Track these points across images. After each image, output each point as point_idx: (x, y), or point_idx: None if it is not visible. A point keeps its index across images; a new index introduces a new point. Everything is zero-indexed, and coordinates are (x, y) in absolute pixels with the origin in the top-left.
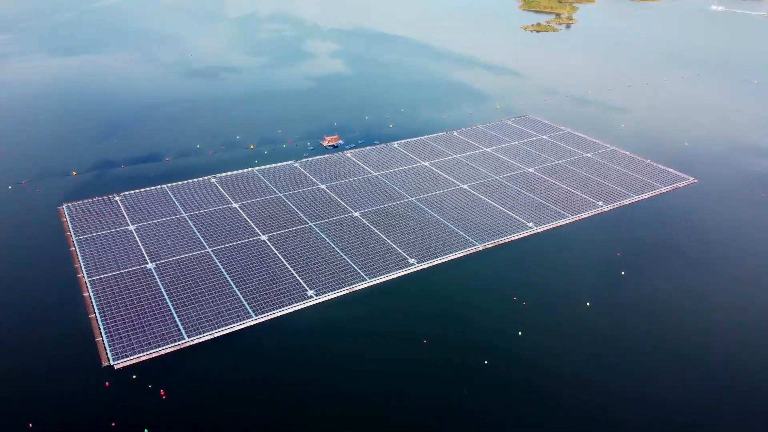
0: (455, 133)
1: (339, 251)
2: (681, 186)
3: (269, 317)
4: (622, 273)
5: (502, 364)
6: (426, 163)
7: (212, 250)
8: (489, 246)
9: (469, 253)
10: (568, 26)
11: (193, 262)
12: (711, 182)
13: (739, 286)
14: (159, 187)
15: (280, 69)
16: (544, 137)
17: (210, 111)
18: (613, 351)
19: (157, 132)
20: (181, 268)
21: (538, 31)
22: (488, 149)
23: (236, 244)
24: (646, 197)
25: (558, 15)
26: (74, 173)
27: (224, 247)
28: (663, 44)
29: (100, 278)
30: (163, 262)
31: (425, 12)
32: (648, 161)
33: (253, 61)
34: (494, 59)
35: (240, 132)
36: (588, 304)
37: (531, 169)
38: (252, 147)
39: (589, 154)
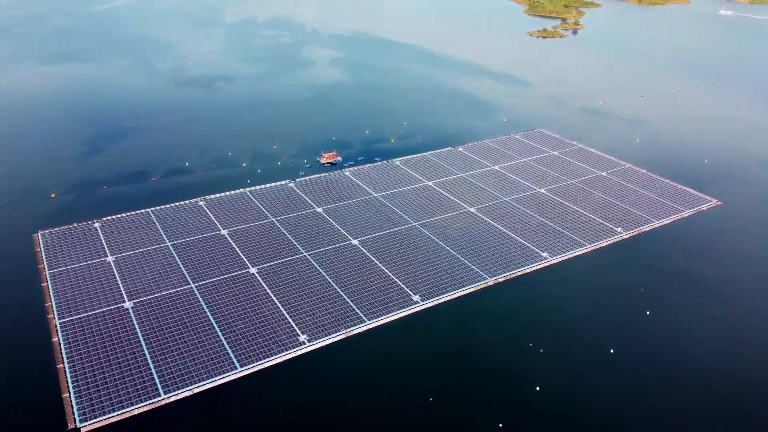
0: (461, 149)
1: (335, 286)
2: (704, 209)
3: (256, 368)
4: (648, 313)
5: (516, 427)
6: (430, 183)
7: (196, 286)
8: (500, 280)
9: (478, 288)
10: (575, 32)
11: (174, 300)
12: (736, 204)
13: None
14: (143, 211)
15: (276, 78)
16: (555, 153)
17: (202, 124)
18: (645, 409)
19: (144, 148)
20: (162, 308)
21: (544, 37)
22: (496, 167)
23: (223, 279)
24: (667, 222)
25: (564, 20)
26: (53, 195)
27: (210, 283)
28: (674, 51)
29: (72, 320)
30: (142, 301)
31: (427, 17)
32: (667, 181)
33: (249, 69)
34: (500, 67)
35: (233, 148)
36: (612, 350)
37: (543, 190)
38: (245, 165)
39: (603, 173)
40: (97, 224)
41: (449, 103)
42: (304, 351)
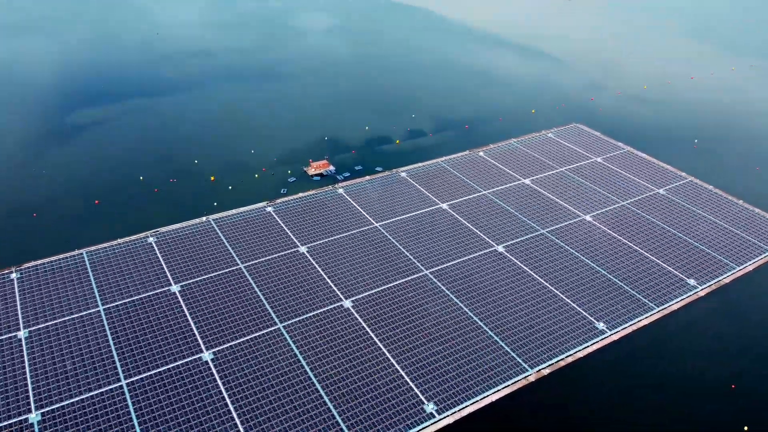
0: (481, 153)
1: (317, 386)
2: None
3: None
4: (745, 428)
5: None
6: (444, 206)
7: (127, 384)
8: (544, 372)
9: (517, 387)
10: None
11: (96, 410)
12: None
13: None
14: (75, 253)
15: (260, 54)
16: (599, 160)
17: (166, 119)
18: None
19: (91, 156)
20: (77, 425)
21: None
22: (526, 181)
23: (164, 371)
24: (751, 269)
25: None
26: None
27: (146, 378)
28: (715, 19)
29: None
30: (53, 412)
31: None
32: (739, 203)
33: (229, 43)
34: (523, 37)
35: (200, 153)
36: None
37: (588, 217)
38: (213, 179)
39: (661, 191)
40: (14, 274)
41: (464, 85)
42: None
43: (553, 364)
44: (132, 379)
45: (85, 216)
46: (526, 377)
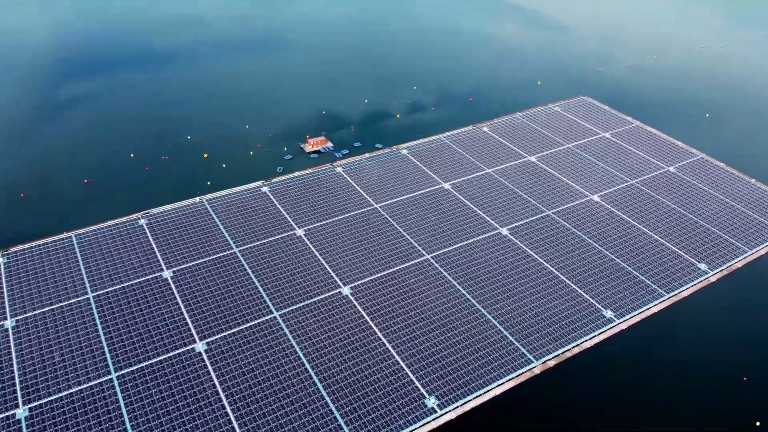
0: (485, 129)
1: (315, 380)
2: None
3: None
4: (757, 423)
5: None
6: (446, 185)
7: (117, 377)
8: (550, 364)
9: (522, 380)
10: None
11: (85, 405)
12: None
13: None
14: (64, 236)
15: (255, 23)
16: (607, 136)
17: (157, 92)
18: None
19: (80, 132)
20: (66, 421)
21: None
22: (532, 158)
23: (155, 364)
24: (763, 252)
25: None
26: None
27: (136, 371)
28: None
29: None
30: (41, 407)
31: None
32: (752, 181)
33: (223, 11)
34: (528, 5)
35: (193, 128)
36: None
37: (596, 197)
38: (206, 156)
39: (671, 168)
40: (0, 259)
41: (468, 55)
42: None
43: (558, 355)
44: (122, 372)
45: (74, 196)
46: (531, 369)
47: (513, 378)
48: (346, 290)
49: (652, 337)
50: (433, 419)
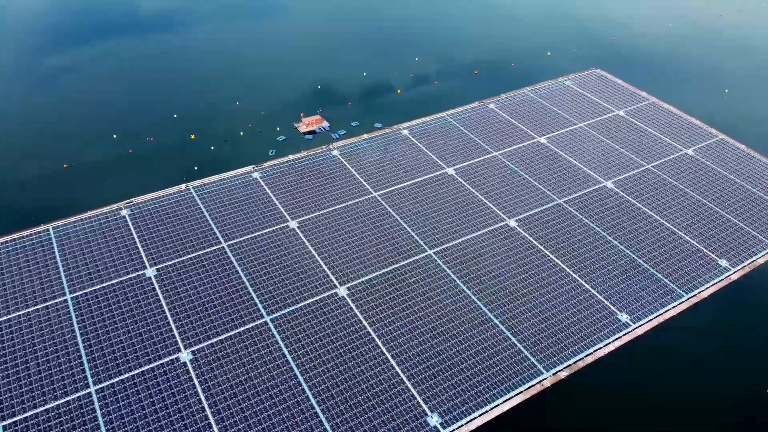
0: (492, 106)
1: (308, 393)
2: None
3: None
4: None
5: None
6: (450, 170)
7: (96, 391)
8: (562, 375)
9: (533, 392)
10: None
11: (62, 422)
12: None
13: None
14: (41, 229)
15: None
16: (621, 113)
17: (141, 64)
18: None
19: (59, 109)
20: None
21: None
22: (542, 139)
23: (137, 375)
24: None
25: None
26: None
27: (117, 384)
28: None
29: None
30: (16, 425)
31: None
32: None
33: None
34: None
35: (180, 104)
36: None
37: (609, 183)
38: (193, 137)
39: (689, 151)
40: None
41: (472, 22)
42: None
43: (571, 365)
44: (102, 385)
45: (52, 182)
46: (541, 382)
47: (522, 392)
48: (342, 291)
49: (668, 344)
50: None
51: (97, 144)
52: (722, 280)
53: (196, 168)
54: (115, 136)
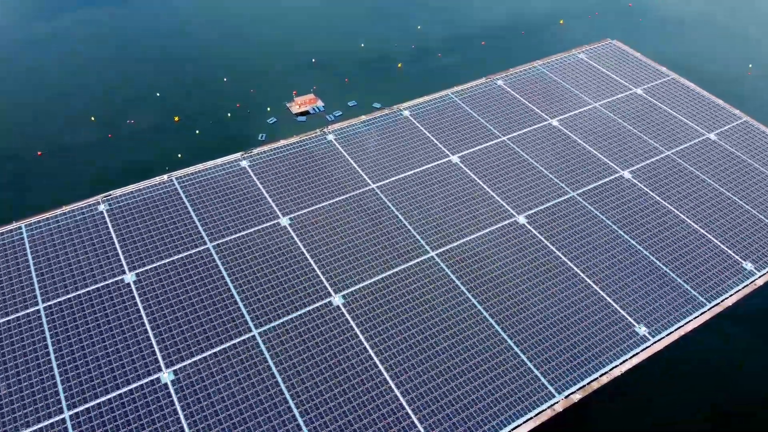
0: (500, 82)
1: (299, 422)
2: None
3: None
4: None
5: None
6: (455, 158)
7: (71, 417)
8: (575, 398)
9: (543, 419)
10: None
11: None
12: None
13: None
14: (12, 227)
15: None
16: (639, 92)
17: (120, 36)
18: None
19: (30, 89)
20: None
21: None
22: (554, 122)
23: (114, 398)
24: None
25: None
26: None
27: (93, 408)
28: None
29: None
30: None
31: None
32: None
33: None
34: None
35: (162, 81)
36: None
37: (627, 173)
38: (177, 119)
39: (712, 135)
40: None
41: None
42: None
43: (585, 386)
44: (77, 410)
45: (24, 173)
46: (551, 406)
47: (532, 418)
48: (337, 300)
49: (687, 359)
50: None
51: (73, 128)
52: (747, 285)
53: (180, 156)
54: (93, 118)
